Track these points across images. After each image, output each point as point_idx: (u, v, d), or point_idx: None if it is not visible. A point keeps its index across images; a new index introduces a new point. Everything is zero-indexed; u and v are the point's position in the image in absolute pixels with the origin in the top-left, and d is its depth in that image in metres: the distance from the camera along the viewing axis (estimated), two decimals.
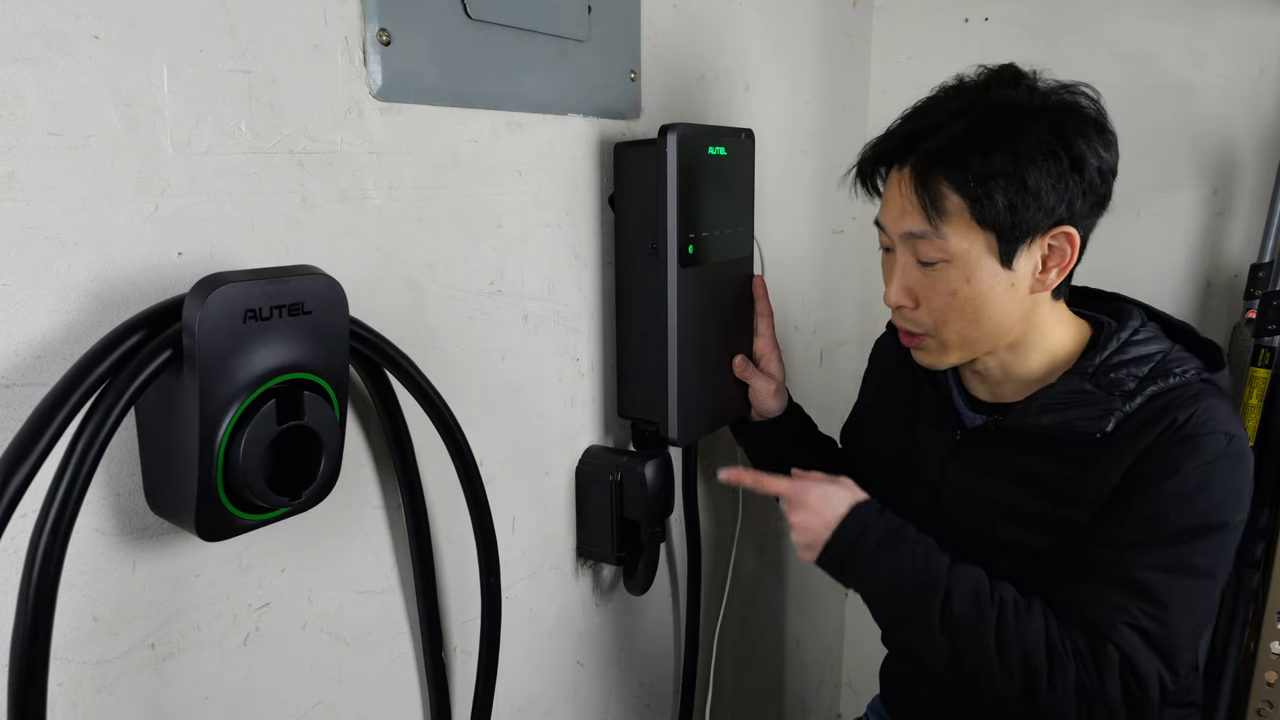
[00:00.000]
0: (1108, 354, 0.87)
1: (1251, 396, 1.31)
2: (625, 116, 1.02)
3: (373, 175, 0.73)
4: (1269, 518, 1.32)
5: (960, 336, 0.88)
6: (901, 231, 0.87)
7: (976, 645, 0.82)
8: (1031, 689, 0.81)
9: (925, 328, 0.90)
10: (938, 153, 0.83)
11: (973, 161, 0.81)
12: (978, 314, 0.86)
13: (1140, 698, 0.80)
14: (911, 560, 0.87)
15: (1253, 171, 1.40)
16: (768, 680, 1.60)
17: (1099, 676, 0.80)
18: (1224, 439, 0.81)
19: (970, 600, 0.84)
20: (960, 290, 0.85)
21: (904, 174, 0.86)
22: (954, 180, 0.82)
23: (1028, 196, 0.81)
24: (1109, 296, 0.98)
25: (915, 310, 0.89)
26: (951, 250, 0.84)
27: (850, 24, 1.59)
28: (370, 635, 0.80)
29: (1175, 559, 0.81)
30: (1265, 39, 1.36)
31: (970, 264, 0.84)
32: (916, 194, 0.84)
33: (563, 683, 1.07)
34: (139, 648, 0.62)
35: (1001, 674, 0.82)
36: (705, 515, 1.26)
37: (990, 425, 0.94)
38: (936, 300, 0.87)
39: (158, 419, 0.59)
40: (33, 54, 0.52)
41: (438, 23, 0.76)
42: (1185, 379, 0.85)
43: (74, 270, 0.56)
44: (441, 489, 0.82)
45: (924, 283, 0.87)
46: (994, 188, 0.80)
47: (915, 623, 0.85)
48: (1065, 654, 0.81)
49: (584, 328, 1.00)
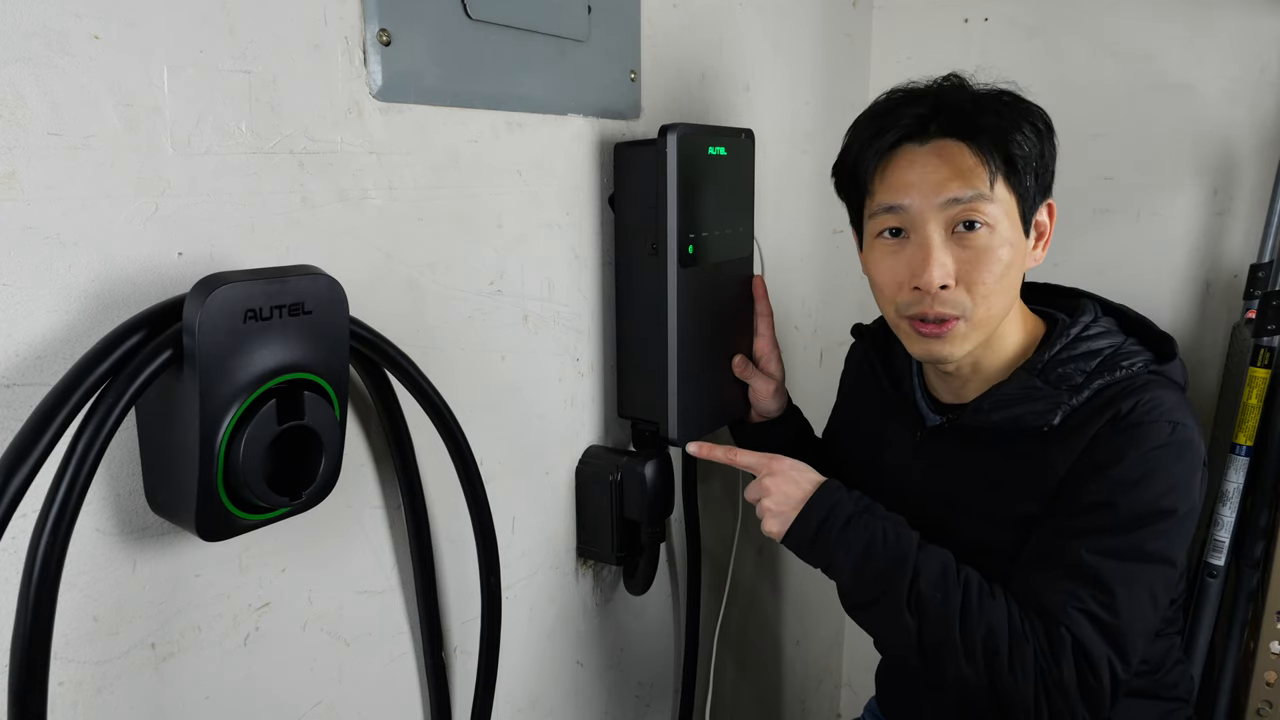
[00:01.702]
0: (1057, 350, 0.88)
1: (1251, 396, 1.31)
2: (625, 116, 1.02)
3: (373, 175, 0.73)
4: (1269, 518, 1.32)
5: (990, 314, 0.87)
6: (945, 198, 0.85)
7: (942, 626, 0.83)
8: (993, 674, 0.81)
9: (962, 309, 0.87)
10: (976, 117, 0.85)
11: (1011, 123, 0.85)
12: (1009, 283, 0.87)
13: (1094, 685, 0.80)
14: (882, 536, 0.87)
15: (1253, 171, 1.40)
16: (768, 680, 1.60)
17: (1055, 660, 0.81)
18: (1168, 427, 0.82)
19: (938, 581, 0.84)
20: (1003, 258, 0.85)
21: (937, 145, 0.86)
22: (999, 139, 0.84)
23: (1042, 162, 0.87)
24: (1066, 292, 1.00)
25: (954, 289, 0.87)
26: (996, 215, 0.85)
27: (850, 24, 1.59)
28: (370, 635, 0.80)
29: (1124, 545, 0.81)
30: (1265, 39, 1.36)
31: (1006, 230, 0.86)
32: (975, 153, 0.85)
33: (563, 683, 1.07)
34: (139, 648, 0.62)
35: (965, 657, 0.82)
36: (705, 515, 1.25)
37: (946, 424, 0.96)
38: (978, 272, 0.85)
39: (158, 419, 0.59)
40: (33, 54, 0.52)
41: (438, 23, 0.76)
42: (1132, 371, 0.86)
43: (74, 270, 0.56)
44: (441, 489, 0.82)
45: (964, 255, 0.86)
46: (1028, 150, 0.85)
47: (883, 602, 0.85)
48: (1025, 637, 0.82)
49: (584, 328, 1.00)
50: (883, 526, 0.88)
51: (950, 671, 0.83)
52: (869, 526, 0.88)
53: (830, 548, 0.88)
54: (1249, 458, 1.32)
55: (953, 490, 0.95)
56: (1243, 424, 1.31)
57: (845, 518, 0.88)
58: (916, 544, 0.87)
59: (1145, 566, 0.82)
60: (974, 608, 0.83)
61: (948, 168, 0.85)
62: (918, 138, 0.87)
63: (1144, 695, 0.96)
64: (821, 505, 0.89)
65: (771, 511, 0.92)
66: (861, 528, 0.88)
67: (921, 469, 0.98)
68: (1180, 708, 0.99)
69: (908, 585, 0.84)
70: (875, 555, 0.86)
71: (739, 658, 1.46)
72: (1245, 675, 1.36)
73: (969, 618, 0.83)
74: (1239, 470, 1.32)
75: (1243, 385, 1.32)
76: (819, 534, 0.89)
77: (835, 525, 0.88)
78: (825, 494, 0.90)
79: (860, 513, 0.89)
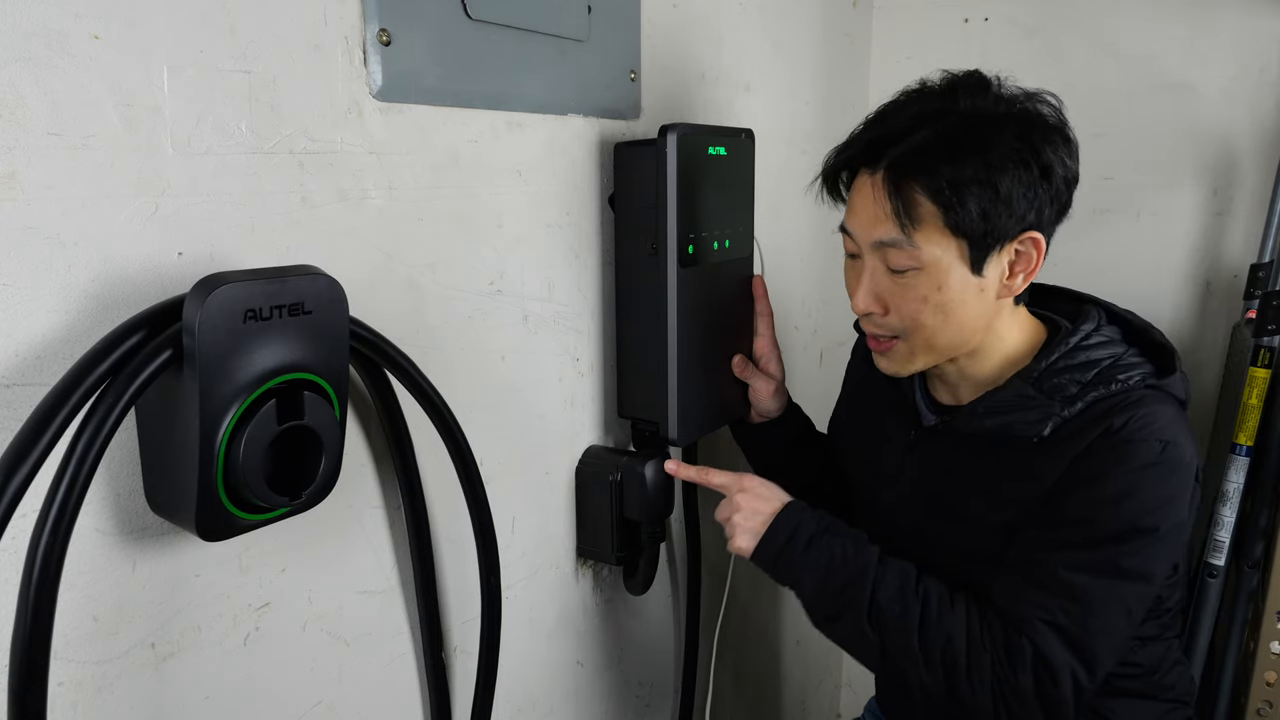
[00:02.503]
0: (1054, 359, 0.87)
1: (1251, 396, 1.31)
2: (625, 116, 1.02)
3: (373, 175, 0.73)
4: (1269, 518, 1.32)
5: (927, 343, 0.89)
6: (873, 240, 0.86)
7: (901, 639, 0.84)
8: (952, 682, 0.83)
9: (895, 331, 0.90)
10: (910, 159, 0.83)
11: (945, 169, 0.81)
12: (947, 320, 0.86)
13: (1053, 693, 0.81)
14: (841, 554, 0.89)
15: (1253, 171, 1.39)
16: (767, 680, 1.60)
17: (1012, 670, 0.81)
18: (1158, 445, 0.81)
19: (896, 595, 0.86)
20: (931, 297, 0.85)
21: (875, 179, 0.85)
22: (928, 188, 0.82)
23: (1000, 204, 0.81)
24: (1074, 296, 0.98)
25: (885, 316, 0.89)
26: (923, 258, 0.84)
27: (850, 24, 1.59)
28: (370, 635, 0.80)
29: (1099, 561, 0.81)
30: (1265, 39, 1.36)
31: (941, 271, 0.84)
32: (890, 200, 0.83)
33: (563, 683, 1.07)
34: (139, 648, 0.62)
35: (924, 667, 0.84)
36: (705, 515, 1.25)
37: (940, 426, 0.96)
38: (907, 307, 0.87)
39: (158, 419, 0.59)
40: (33, 54, 0.52)
41: (438, 23, 0.76)
42: (1128, 385, 0.85)
43: (74, 270, 0.56)
44: (441, 489, 0.82)
45: (894, 289, 0.87)
46: (968, 195, 0.80)
47: (845, 617, 0.87)
48: (983, 647, 0.83)
49: (584, 328, 1.00)
50: (842, 544, 0.89)
51: (912, 679, 0.85)
52: (829, 546, 0.89)
53: (793, 566, 0.90)
54: (1249, 458, 1.32)
55: (942, 491, 0.95)
56: (1243, 424, 1.31)
57: (807, 537, 0.90)
58: (877, 559, 0.88)
59: (1119, 583, 0.81)
60: (933, 619, 0.84)
61: (875, 208, 0.85)
62: (869, 164, 0.87)
63: (1142, 696, 0.96)
64: (786, 525, 0.91)
65: (740, 528, 0.93)
66: (823, 547, 0.89)
67: (915, 466, 0.98)
68: (1179, 708, 0.99)
69: (868, 600, 0.86)
70: (835, 573, 0.88)
71: (739, 658, 1.46)
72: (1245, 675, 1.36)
73: (927, 629, 0.84)
74: (1239, 470, 1.32)
75: (1243, 385, 1.32)
76: (782, 553, 0.90)
77: (798, 545, 0.90)
78: (789, 514, 0.92)
79: (821, 532, 0.90)
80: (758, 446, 1.17)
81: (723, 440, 1.30)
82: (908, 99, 0.88)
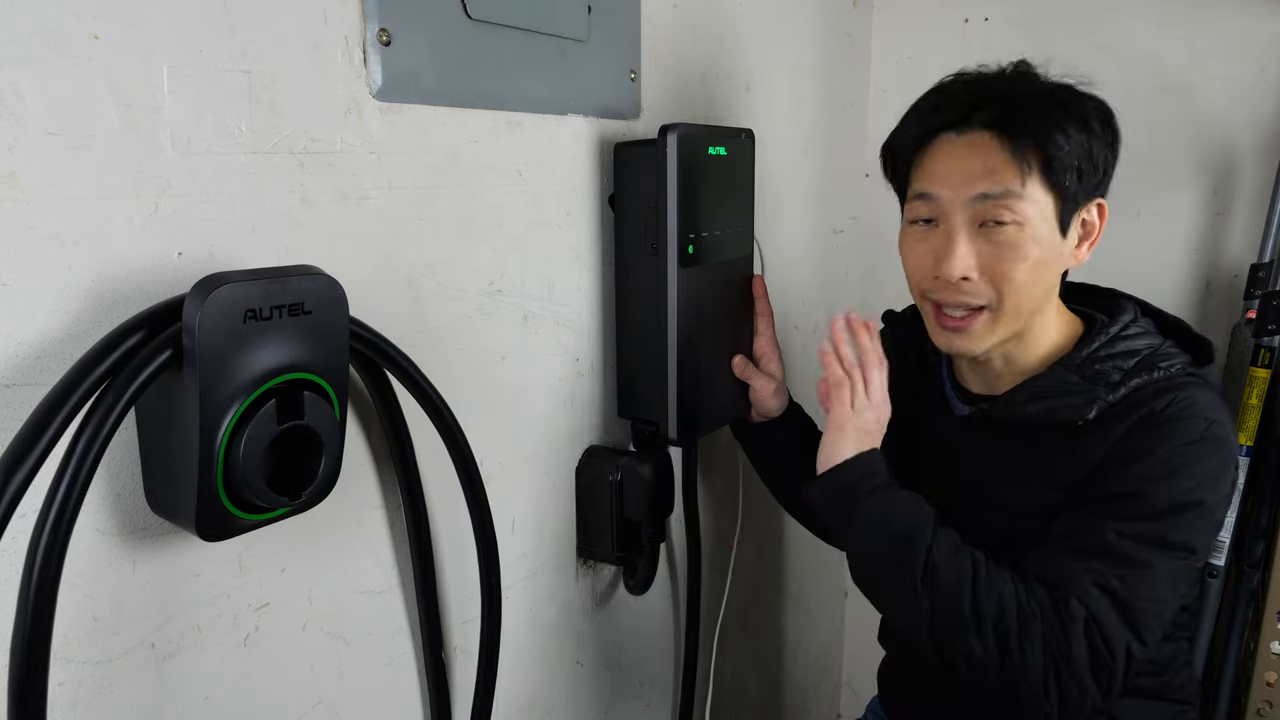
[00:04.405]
0: (1095, 347, 0.88)
1: (1251, 396, 1.31)
2: (625, 116, 1.02)
3: (373, 175, 0.73)
4: (1269, 518, 1.32)
5: (1016, 309, 0.87)
6: (975, 194, 0.85)
7: (954, 602, 0.82)
8: (1004, 650, 0.80)
9: (986, 299, 0.88)
10: (1015, 112, 0.84)
11: (1050, 120, 0.83)
12: (1038, 281, 0.87)
13: (1108, 662, 0.79)
14: (904, 505, 0.88)
15: (1253, 171, 1.39)
16: (768, 680, 1.60)
17: (1065, 635, 0.80)
18: (1203, 423, 0.82)
19: (951, 553, 0.85)
20: (1030, 254, 0.85)
21: (975, 137, 0.86)
22: (1036, 137, 0.83)
23: (1090, 162, 0.85)
24: (1106, 292, 0.99)
25: (977, 281, 0.87)
26: (1027, 212, 0.84)
27: (850, 24, 1.59)
28: (370, 635, 0.80)
29: (1148, 532, 0.81)
30: (1265, 39, 1.36)
31: (1039, 227, 0.85)
32: (1004, 151, 0.84)
33: (563, 683, 1.07)
34: (139, 648, 0.62)
35: (975, 634, 0.81)
36: (705, 515, 1.25)
37: (977, 415, 0.95)
38: (1004, 265, 0.86)
39: (158, 419, 0.59)
40: (33, 54, 0.52)
41: (438, 23, 0.76)
42: (1170, 372, 0.86)
43: (74, 270, 0.56)
44: (441, 489, 0.82)
45: (990, 250, 0.86)
46: (1071, 147, 0.83)
47: (896, 574, 0.85)
48: (1032, 612, 0.81)
49: (584, 328, 1.00)
50: (904, 500, 0.89)
51: (960, 648, 0.82)
52: (893, 497, 0.89)
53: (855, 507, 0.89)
54: (1249, 458, 1.32)
55: (978, 479, 0.95)
56: (1243, 424, 1.31)
57: (873, 485, 0.89)
58: (934, 517, 0.88)
59: (1168, 554, 0.81)
60: (982, 583, 0.83)
61: (980, 162, 0.85)
62: (956, 128, 0.87)
63: (1150, 696, 0.95)
64: (860, 465, 0.91)
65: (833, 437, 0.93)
66: (887, 496, 0.89)
67: (947, 457, 0.98)
68: (1186, 710, 0.99)
69: (923, 557, 0.84)
70: (894, 525, 0.87)
71: (739, 658, 1.46)
72: (1245, 675, 1.36)
73: (980, 592, 0.82)
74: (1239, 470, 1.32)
75: (1243, 385, 1.32)
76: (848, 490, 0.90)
77: (863, 489, 0.89)
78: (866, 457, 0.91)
79: (887, 485, 0.90)
80: (759, 446, 1.17)
81: (723, 440, 1.30)
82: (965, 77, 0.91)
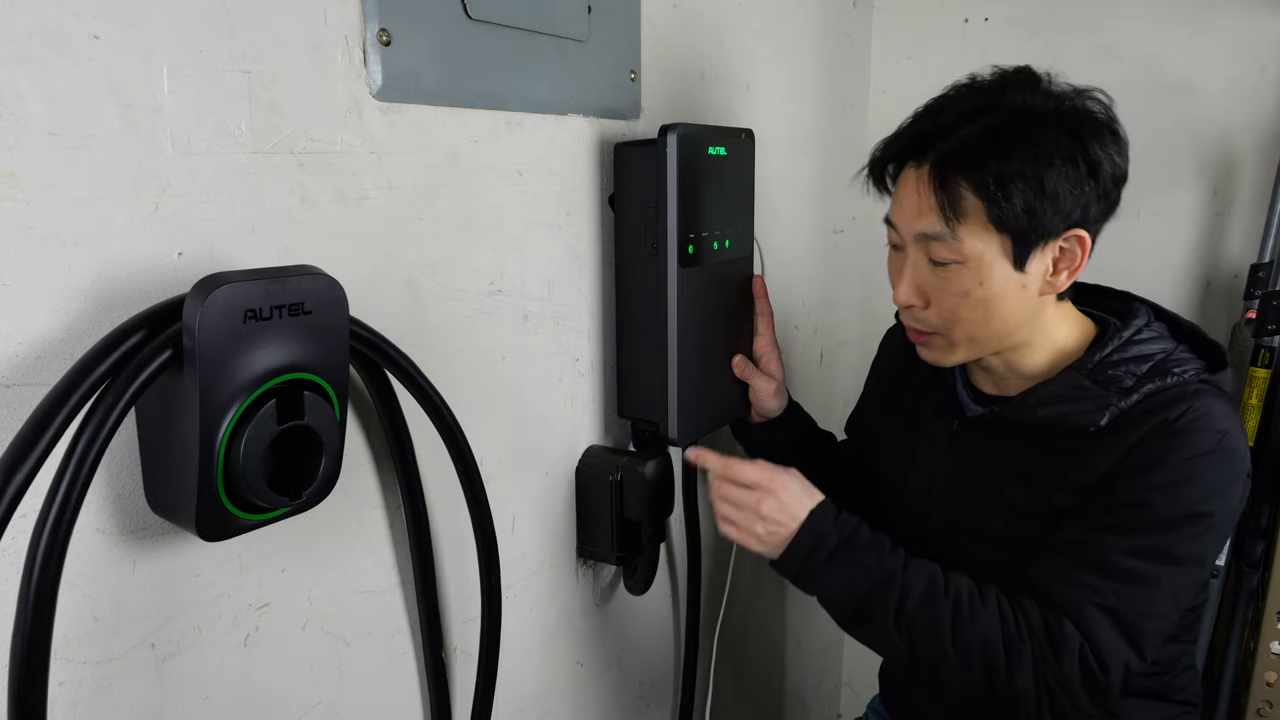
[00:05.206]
0: (1108, 351, 0.88)
1: (1251, 396, 1.31)
2: (625, 116, 1.02)
3: (373, 175, 0.73)
4: (1269, 518, 1.32)
5: (969, 336, 0.88)
6: (915, 232, 0.86)
7: (932, 642, 0.84)
8: (991, 680, 0.83)
9: (934, 327, 0.90)
10: (956, 153, 0.83)
11: (991, 163, 0.81)
12: (988, 315, 0.86)
13: (1101, 679, 0.80)
14: (864, 565, 0.87)
15: (1253, 171, 1.39)
16: (768, 680, 1.60)
17: (1056, 659, 0.81)
18: (1215, 435, 0.82)
19: (924, 599, 0.85)
20: (973, 292, 0.85)
21: (921, 173, 0.85)
22: (973, 182, 0.82)
23: (1045, 200, 0.81)
24: (1119, 295, 0.99)
25: (925, 309, 0.89)
26: (966, 252, 0.84)
27: (850, 24, 1.59)
28: (370, 635, 0.80)
29: (1154, 546, 0.82)
30: (1265, 39, 1.36)
31: (984, 266, 0.84)
32: (935, 194, 0.83)
33: (563, 683, 1.07)
34: (139, 648, 0.62)
35: (960, 668, 0.83)
36: (705, 515, 1.25)
37: (988, 416, 0.95)
38: (947, 301, 0.87)
39: (158, 419, 0.59)
40: (33, 54, 0.52)
41: (438, 23, 0.76)
42: (1184, 379, 0.85)
43: (74, 270, 0.56)
44: (441, 489, 0.82)
45: (935, 283, 0.87)
46: (1013, 190, 0.80)
47: (872, 624, 0.87)
48: (1021, 641, 0.82)
49: (584, 328, 1.00)
50: (864, 554, 0.88)
51: (947, 680, 0.84)
52: (853, 556, 0.88)
53: (816, 580, 0.89)
54: None
55: (984, 481, 0.94)
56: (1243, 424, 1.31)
57: (829, 551, 0.88)
58: (902, 565, 0.87)
59: (1173, 569, 0.82)
60: (965, 620, 0.84)
61: (919, 201, 0.85)
62: (916, 158, 0.87)
63: (1152, 697, 0.96)
64: (809, 536, 0.89)
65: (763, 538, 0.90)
66: (845, 558, 0.88)
67: (956, 459, 0.98)
68: (1188, 711, 0.99)
69: (894, 607, 0.85)
70: (859, 584, 0.87)
71: (739, 658, 1.46)
72: (1245, 675, 1.36)
73: (961, 631, 0.83)
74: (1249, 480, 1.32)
75: (1243, 385, 1.32)
76: (805, 566, 0.89)
77: (819, 558, 0.88)
78: (812, 524, 0.89)
79: (844, 543, 0.88)
80: (759, 446, 1.17)
81: (723, 440, 1.30)
82: (957, 94, 0.88)
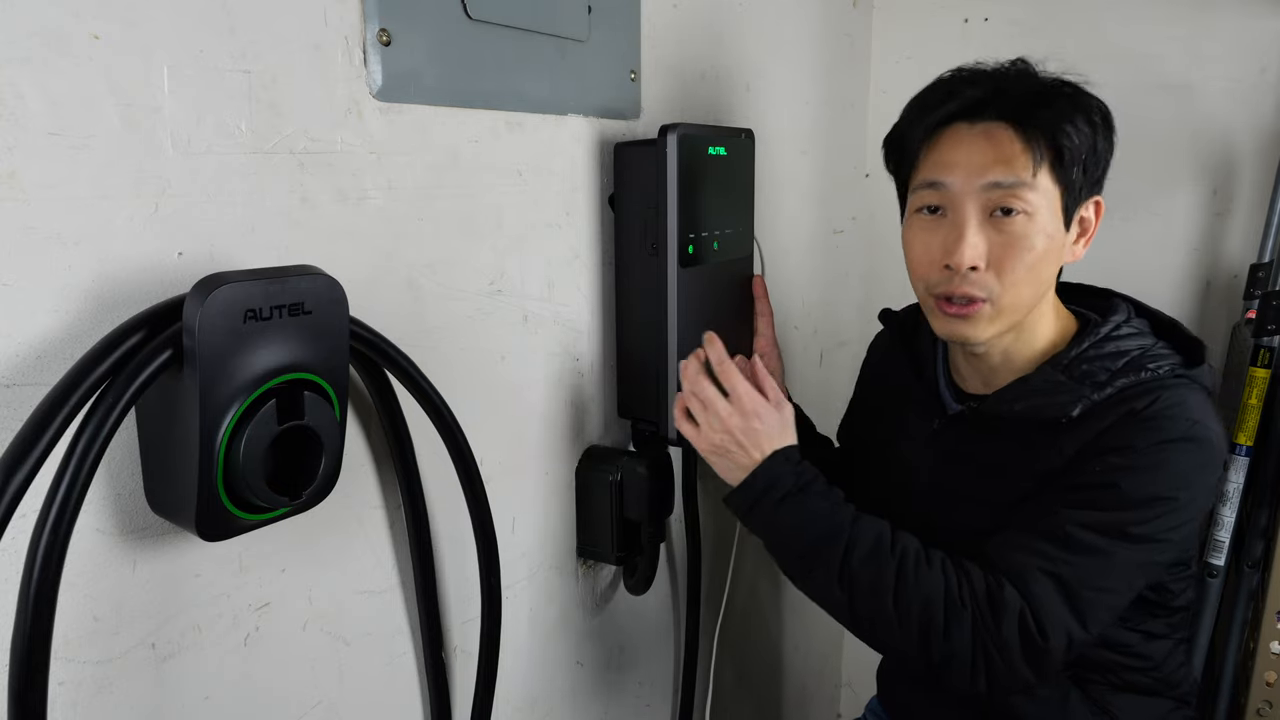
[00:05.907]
0: (1085, 347, 0.89)
1: (1251, 396, 1.31)
2: (625, 116, 1.02)
3: (373, 175, 0.73)
4: (1269, 518, 1.32)
5: (1013, 303, 0.88)
6: (987, 181, 0.85)
7: (874, 601, 0.83)
8: (926, 642, 0.82)
9: (989, 292, 0.87)
10: (1028, 103, 0.85)
11: (1058, 112, 0.85)
12: (1040, 274, 0.87)
13: (1040, 644, 0.80)
14: (813, 514, 0.88)
15: (1253, 172, 1.40)
16: (768, 680, 1.60)
17: (995, 622, 0.80)
18: (1186, 424, 0.82)
19: (869, 555, 0.85)
20: (1037, 246, 0.85)
21: (986, 127, 0.86)
22: (1050, 129, 0.84)
23: (1094, 157, 0.87)
24: (1100, 292, 1.00)
25: (983, 272, 0.87)
26: (1036, 203, 0.85)
27: (850, 24, 1.59)
28: (370, 635, 0.80)
29: (1111, 522, 0.82)
30: (1265, 39, 1.36)
31: (1045, 219, 0.86)
32: (1023, 140, 0.85)
33: (563, 683, 1.07)
34: (139, 648, 0.62)
35: (899, 628, 0.83)
36: (705, 515, 1.25)
37: (966, 412, 0.96)
38: (1010, 257, 0.86)
39: (158, 419, 0.59)
40: (33, 54, 0.52)
41: (438, 23, 0.76)
42: (1159, 374, 0.86)
43: (74, 270, 0.56)
44: (441, 489, 0.82)
45: (998, 239, 0.86)
46: (1079, 141, 0.85)
47: (816, 575, 0.87)
48: (961, 604, 0.82)
49: (584, 328, 1.00)
50: (816, 504, 0.88)
51: (884, 640, 0.85)
52: (802, 504, 0.88)
53: (764, 522, 0.89)
54: (1249, 458, 1.32)
55: (962, 477, 0.95)
56: (1243, 424, 1.31)
57: (780, 496, 0.88)
58: (851, 519, 0.87)
59: (1128, 546, 0.82)
60: (909, 578, 0.83)
61: (994, 151, 0.86)
62: (969, 117, 0.88)
63: (1147, 692, 0.96)
64: (764, 476, 0.89)
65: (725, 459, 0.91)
66: (796, 505, 0.88)
67: (935, 456, 0.98)
68: (1182, 708, 0.99)
69: (839, 562, 0.85)
70: (804, 533, 0.87)
71: (739, 658, 1.46)
72: (1245, 675, 1.36)
73: (903, 591, 0.83)
74: (1239, 470, 1.32)
75: (1243, 385, 1.32)
76: (753, 508, 0.89)
77: (771, 501, 0.88)
78: (765, 469, 0.89)
79: (797, 490, 0.88)
80: None
81: None
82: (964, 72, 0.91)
